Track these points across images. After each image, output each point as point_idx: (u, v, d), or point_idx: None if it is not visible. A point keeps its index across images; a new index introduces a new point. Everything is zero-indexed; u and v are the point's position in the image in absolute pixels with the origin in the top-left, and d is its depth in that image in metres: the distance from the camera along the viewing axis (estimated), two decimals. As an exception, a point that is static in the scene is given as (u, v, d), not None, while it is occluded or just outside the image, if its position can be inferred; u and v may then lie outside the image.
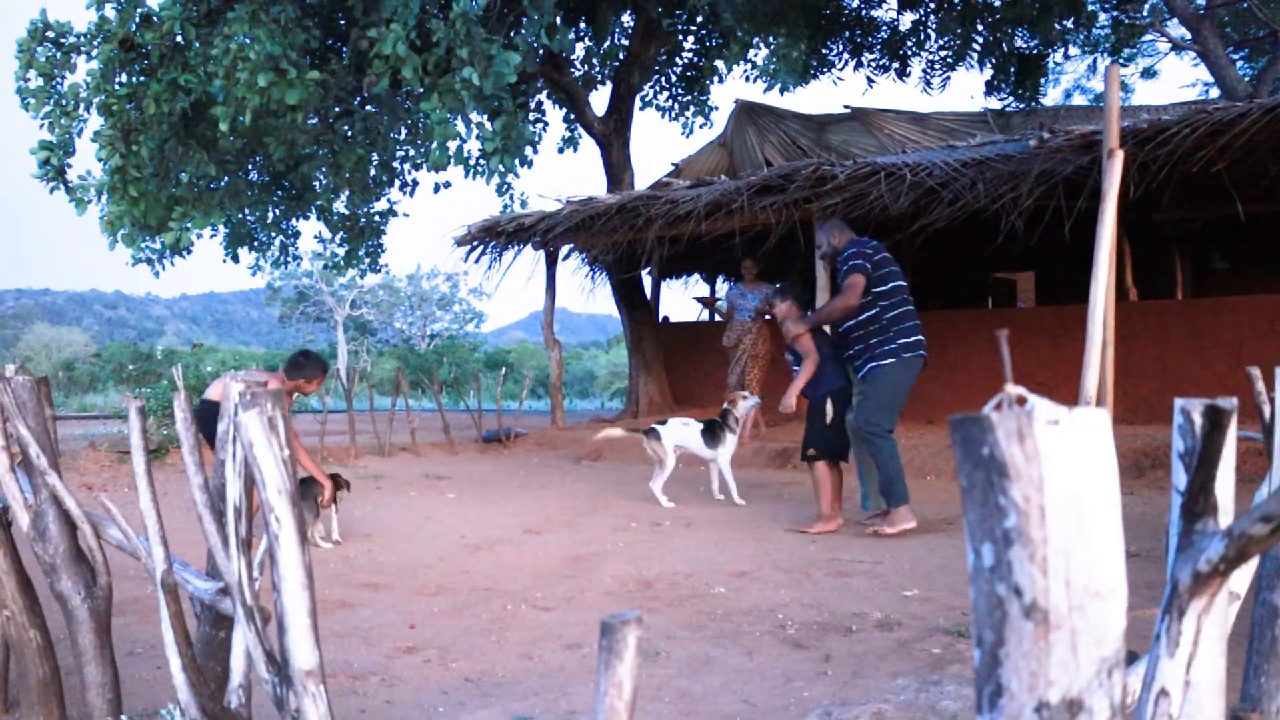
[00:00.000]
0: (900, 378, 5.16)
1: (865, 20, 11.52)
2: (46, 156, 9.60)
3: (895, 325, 5.18)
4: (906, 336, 5.17)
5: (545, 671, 2.96)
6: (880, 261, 5.25)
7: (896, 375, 5.15)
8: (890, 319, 5.18)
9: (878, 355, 5.18)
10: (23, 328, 48.09)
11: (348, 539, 5.29)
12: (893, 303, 5.20)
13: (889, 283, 5.23)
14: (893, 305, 5.20)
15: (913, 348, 5.18)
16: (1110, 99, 3.86)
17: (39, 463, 2.12)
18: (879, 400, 5.15)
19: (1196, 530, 0.89)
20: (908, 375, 5.18)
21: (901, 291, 5.25)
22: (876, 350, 5.19)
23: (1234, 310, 8.14)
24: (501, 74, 8.11)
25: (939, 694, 2.42)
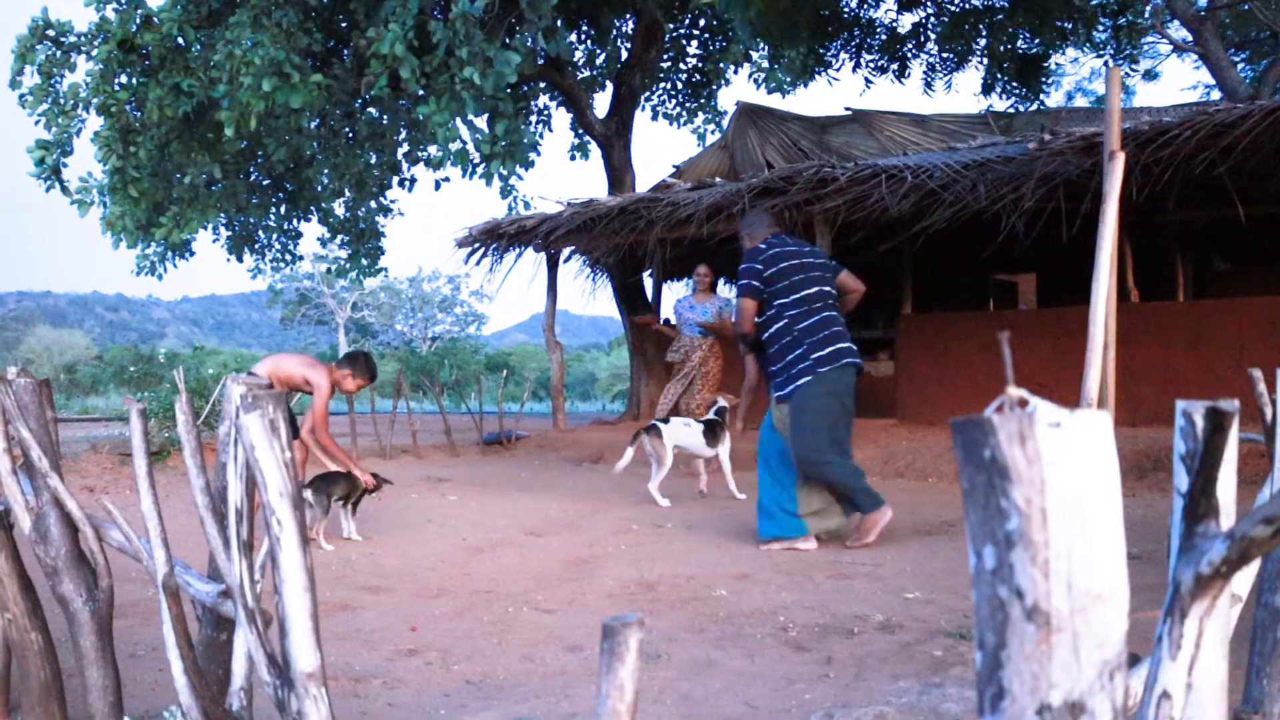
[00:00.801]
0: (820, 398, 4.64)
1: (864, 22, 11.53)
2: (42, 156, 9.61)
3: (808, 338, 4.69)
4: (822, 348, 4.67)
5: (547, 674, 2.96)
6: (778, 273, 4.74)
7: (815, 395, 4.65)
8: (801, 330, 4.71)
9: (793, 376, 4.72)
10: (24, 330, 48.14)
11: (349, 541, 5.29)
12: (802, 312, 4.72)
13: (796, 291, 4.72)
14: (802, 315, 4.71)
15: (831, 359, 4.67)
16: (1111, 101, 3.86)
17: (41, 465, 2.12)
18: (804, 426, 4.66)
19: (1198, 532, 0.89)
20: (830, 391, 4.66)
21: (813, 299, 4.73)
22: (792, 369, 4.73)
23: (1236, 312, 8.13)
24: (502, 74, 8.12)
25: (941, 696, 2.41)
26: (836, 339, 4.71)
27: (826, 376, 4.65)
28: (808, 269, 4.78)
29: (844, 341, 4.74)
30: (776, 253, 4.78)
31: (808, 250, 4.90)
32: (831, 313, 4.79)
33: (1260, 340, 7.85)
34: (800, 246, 4.89)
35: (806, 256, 4.84)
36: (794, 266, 4.75)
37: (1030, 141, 7.62)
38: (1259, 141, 6.51)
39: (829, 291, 4.83)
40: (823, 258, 4.93)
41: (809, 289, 4.74)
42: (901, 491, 6.99)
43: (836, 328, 4.75)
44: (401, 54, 8.17)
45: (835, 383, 4.68)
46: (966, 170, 7.69)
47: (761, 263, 4.77)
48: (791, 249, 4.82)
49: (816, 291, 4.75)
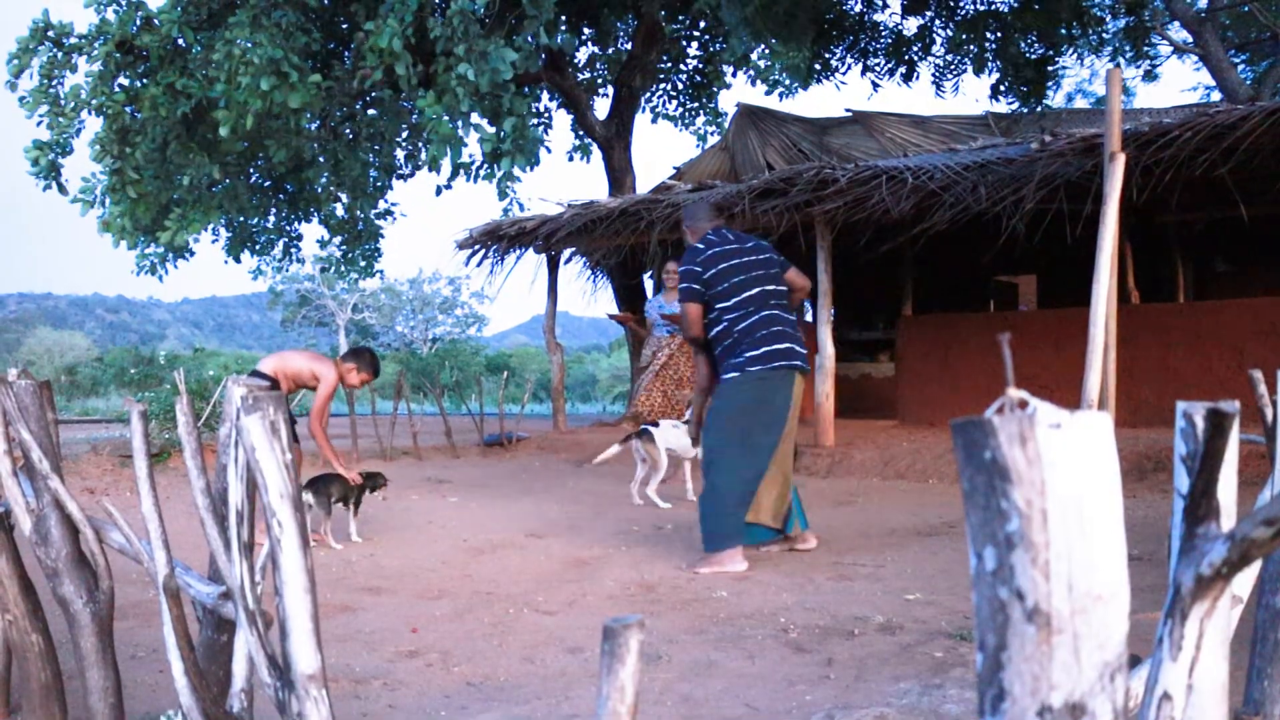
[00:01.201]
0: (739, 396, 4.47)
1: (870, 25, 11.53)
2: (37, 156, 9.62)
3: (746, 337, 4.51)
4: (756, 348, 4.47)
5: (547, 675, 2.96)
6: (717, 275, 4.54)
7: (735, 393, 4.49)
8: (740, 331, 4.52)
9: (721, 373, 4.60)
10: (25, 332, 48.14)
11: (349, 542, 5.29)
12: (741, 314, 4.53)
13: (736, 294, 4.53)
14: (741, 317, 4.53)
15: (764, 359, 4.46)
16: (1111, 102, 3.87)
17: (41, 467, 2.12)
18: (716, 423, 4.54)
19: (1199, 534, 0.89)
20: (754, 393, 4.46)
21: (754, 300, 4.53)
22: (724, 367, 4.58)
23: (1236, 313, 8.13)
24: (498, 70, 8.12)
25: (941, 697, 2.41)
26: (774, 339, 4.50)
27: (754, 375, 4.46)
28: (749, 269, 4.57)
29: (782, 342, 4.51)
30: (716, 253, 4.57)
31: (750, 246, 4.67)
32: (773, 312, 4.56)
33: (1261, 341, 7.85)
34: (742, 242, 4.68)
35: (749, 254, 4.61)
36: (734, 268, 4.55)
37: (1031, 143, 7.62)
38: (1259, 143, 6.51)
39: (773, 290, 4.59)
40: (767, 252, 4.69)
41: (749, 290, 4.53)
42: (902, 493, 7.00)
43: (776, 328, 4.53)
44: (398, 50, 8.18)
45: (762, 382, 4.46)
46: (967, 172, 7.70)
47: (700, 264, 4.57)
48: (732, 247, 4.61)
49: (758, 293, 4.54)
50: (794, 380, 4.53)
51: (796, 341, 4.57)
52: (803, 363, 4.57)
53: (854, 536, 5.23)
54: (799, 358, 4.54)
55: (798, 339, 4.59)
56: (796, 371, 4.53)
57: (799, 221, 8.70)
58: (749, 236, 4.78)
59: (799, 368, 4.54)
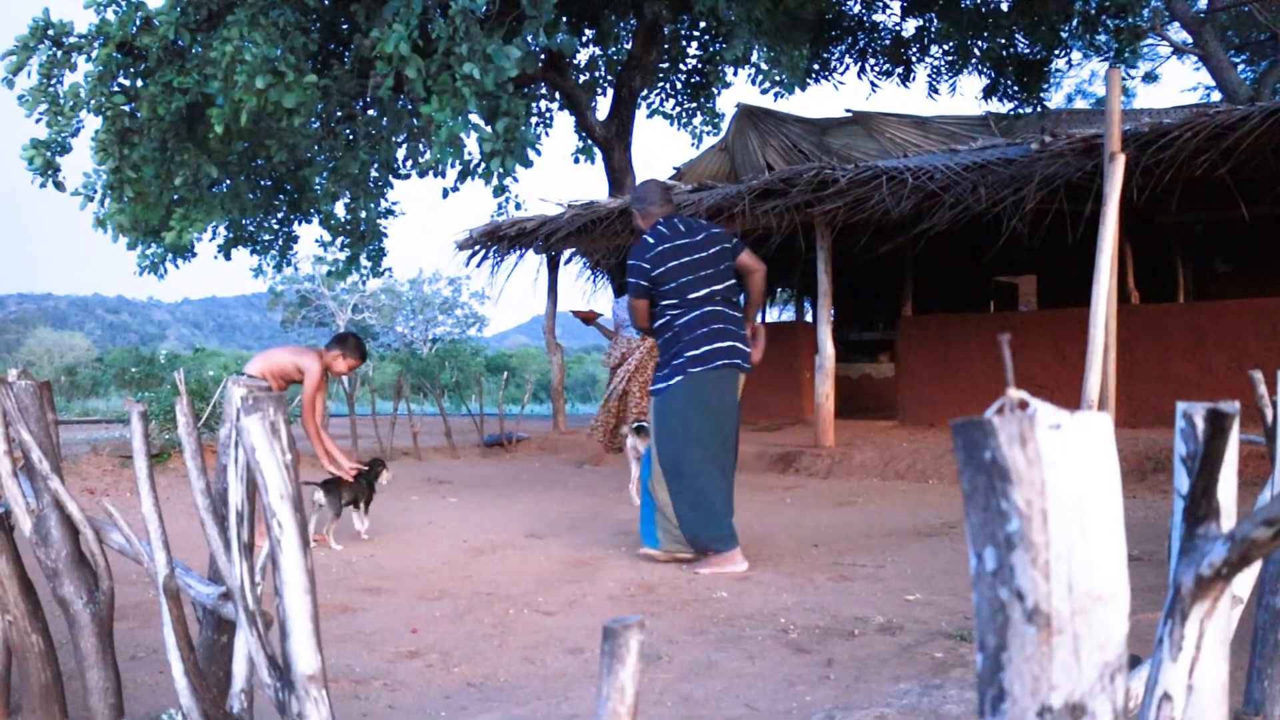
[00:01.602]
0: (687, 398, 4.38)
1: (868, 26, 11.54)
2: (33, 155, 9.63)
3: (686, 334, 4.41)
4: (696, 347, 4.37)
5: (547, 676, 2.96)
6: (665, 273, 4.44)
7: (682, 396, 4.39)
8: (681, 328, 4.43)
9: (664, 375, 4.49)
10: (25, 332, 48.15)
11: (349, 543, 5.29)
12: (681, 311, 4.43)
13: (682, 293, 4.43)
14: (684, 312, 4.43)
15: (704, 359, 4.36)
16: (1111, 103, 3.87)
17: (41, 467, 2.12)
18: (666, 429, 4.44)
19: (1199, 534, 0.89)
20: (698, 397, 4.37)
21: (699, 299, 4.43)
22: (666, 368, 4.50)
23: (1236, 313, 8.13)
24: (503, 69, 8.12)
25: (941, 698, 2.41)
26: (714, 338, 4.38)
27: (697, 377, 4.37)
28: (698, 266, 4.44)
29: (724, 341, 4.40)
30: (665, 250, 4.46)
31: (701, 238, 4.52)
32: (717, 308, 4.44)
33: (1261, 342, 7.85)
34: (693, 234, 4.53)
35: (698, 248, 4.48)
36: (682, 266, 4.43)
37: (1031, 143, 7.63)
38: (1259, 143, 6.51)
39: (720, 289, 4.47)
40: (718, 242, 4.55)
41: (696, 290, 4.42)
42: (902, 493, 7.00)
43: (717, 325, 4.41)
44: (406, 54, 8.18)
45: (704, 384, 4.37)
46: (967, 172, 7.70)
47: (649, 261, 4.46)
48: (682, 241, 4.48)
49: (705, 292, 4.43)
50: (738, 379, 4.47)
51: (739, 339, 4.48)
52: (744, 361, 4.48)
53: (854, 537, 5.23)
54: (740, 355, 4.46)
55: (740, 336, 4.50)
56: (739, 371, 4.47)
57: (799, 222, 8.70)
58: (700, 224, 4.65)
59: (739, 366, 4.46)
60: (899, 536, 5.20)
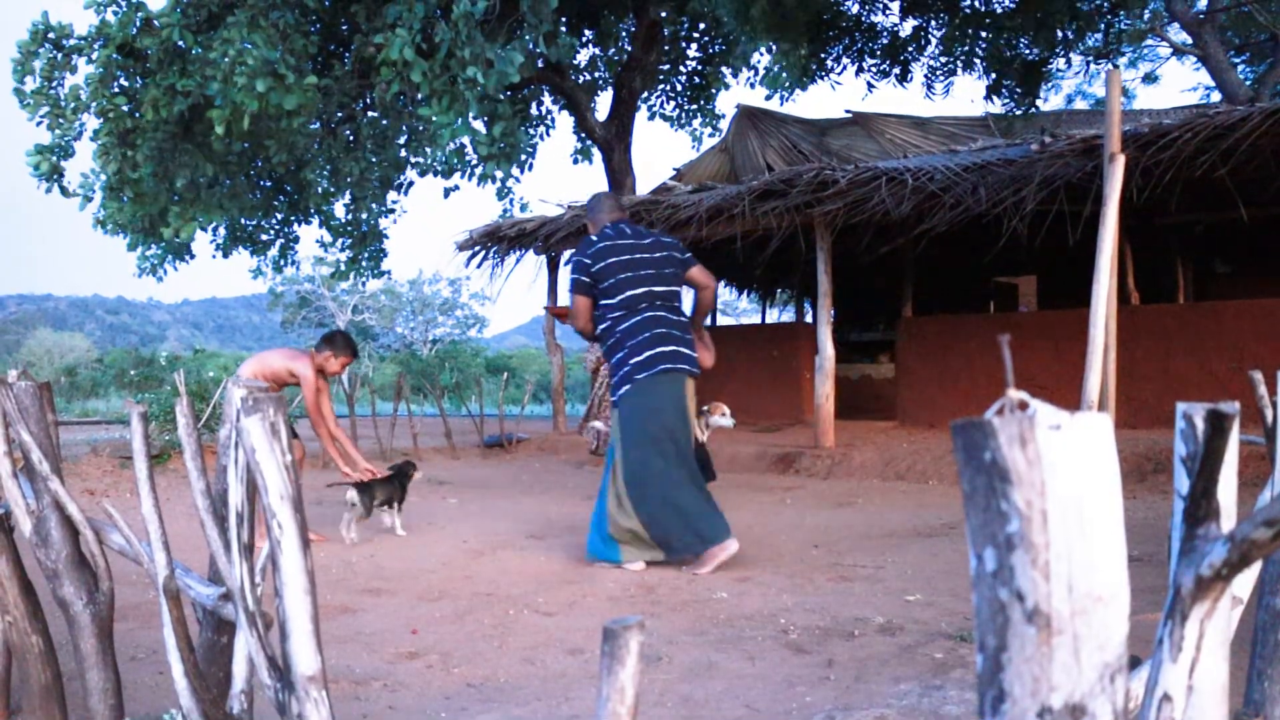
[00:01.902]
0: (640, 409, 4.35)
1: (866, 26, 11.54)
2: (38, 161, 9.63)
3: (629, 340, 4.36)
4: (640, 353, 4.33)
5: (547, 676, 2.96)
6: (604, 270, 4.40)
7: (636, 406, 4.36)
8: (623, 333, 4.39)
9: (616, 385, 4.46)
10: (25, 333, 48.15)
11: (350, 544, 5.29)
12: (624, 314, 4.40)
13: (620, 291, 4.38)
14: (626, 316, 4.40)
15: (649, 364, 4.32)
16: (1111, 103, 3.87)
17: (41, 468, 2.12)
18: (629, 441, 4.38)
19: (1199, 535, 0.89)
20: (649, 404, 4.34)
21: (639, 299, 4.39)
22: (616, 376, 4.45)
23: (1236, 314, 8.13)
24: (505, 73, 8.13)
25: (941, 699, 2.41)
26: (657, 342, 4.34)
27: (643, 385, 4.34)
28: (639, 265, 4.40)
29: (666, 345, 4.35)
30: (606, 247, 4.42)
31: (648, 243, 4.49)
32: (660, 313, 4.39)
33: (1260, 342, 7.85)
34: (640, 238, 4.50)
35: (643, 251, 4.44)
36: (623, 264, 4.39)
37: (1031, 144, 7.63)
38: (1259, 144, 6.51)
39: (662, 291, 4.42)
40: (665, 250, 4.52)
41: (635, 289, 4.38)
42: (902, 494, 7.00)
43: (660, 329, 4.36)
44: (411, 58, 8.19)
45: (651, 391, 4.34)
46: (967, 173, 7.70)
47: (590, 257, 4.43)
48: (627, 242, 4.45)
49: (644, 292, 4.38)
50: (684, 383, 4.41)
51: (683, 344, 4.44)
52: (689, 365, 4.43)
53: (854, 538, 5.23)
54: (685, 360, 4.41)
55: (685, 340, 4.45)
56: (685, 375, 4.41)
57: (799, 223, 8.70)
58: (650, 232, 4.62)
59: (684, 370, 4.41)
60: (899, 537, 5.20)
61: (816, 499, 6.86)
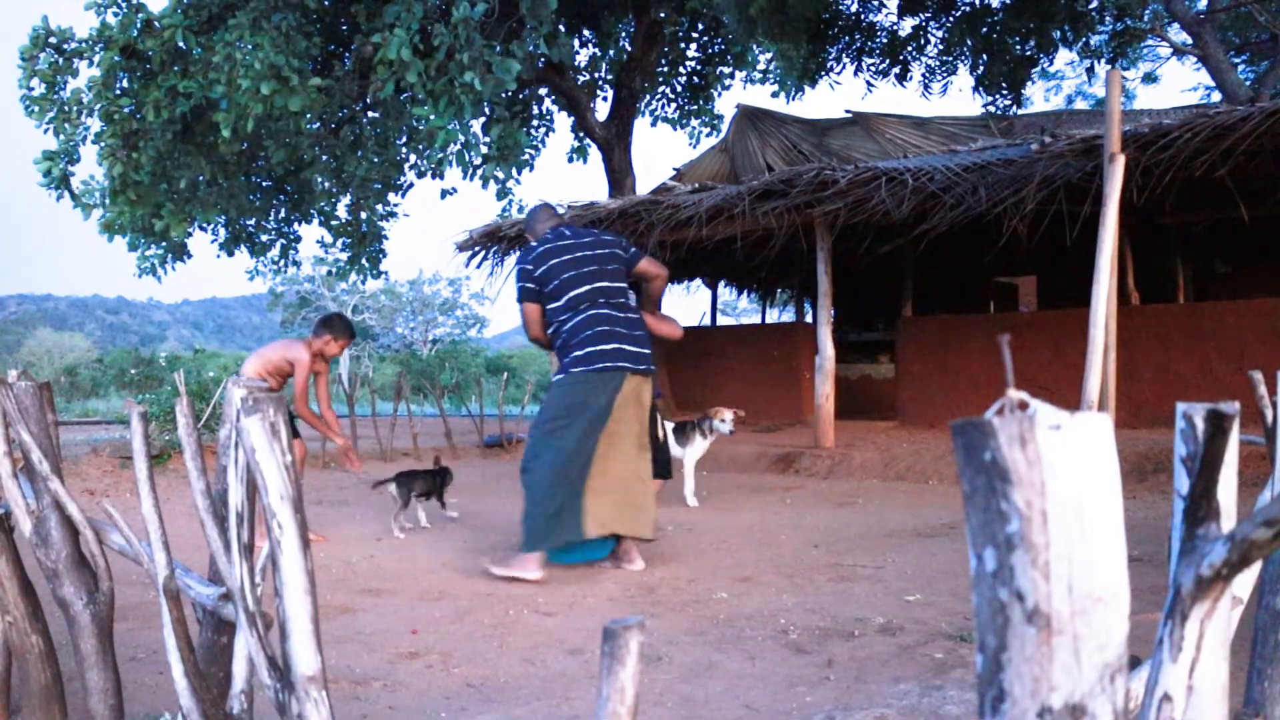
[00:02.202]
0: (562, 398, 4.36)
1: (865, 25, 11.54)
2: (49, 167, 9.63)
3: (573, 338, 4.37)
4: (581, 349, 4.34)
5: (547, 677, 2.96)
6: (546, 273, 4.41)
7: (559, 395, 4.38)
8: (568, 332, 4.40)
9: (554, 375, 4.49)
10: (25, 333, 48.17)
11: (349, 544, 5.29)
12: (569, 315, 4.40)
13: (564, 293, 4.40)
14: (569, 317, 4.41)
15: (587, 360, 4.32)
16: (1111, 104, 3.87)
17: (41, 468, 2.12)
18: (536, 424, 4.45)
19: (1199, 535, 0.89)
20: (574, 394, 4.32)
21: (581, 298, 4.39)
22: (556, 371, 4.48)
23: (1236, 314, 8.13)
24: (502, 80, 8.13)
25: (941, 699, 2.41)
26: (600, 339, 4.32)
27: (576, 376, 4.32)
28: (580, 265, 4.41)
29: (609, 343, 4.32)
30: (546, 250, 4.44)
31: (588, 241, 4.50)
32: (601, 311, 4.38)
33: (1261, 342, 7.85)
34: (579, 238, 4.51)
35: (584, 249, 4.45)
36: (564, 264, 4.40)
37: (1031, 144, 7.63)
38: (1259, 144, 6.51)
39: (605, 288, 4.42)
40: (607, 247, 4.52)
41: (578, 288, 4.38)
42: (902, 494, 7.00)
43: (603, 327, 4.34)
44: (408, 59, 8.18)
45: (583, 384, 4.30)
46: (967, 173, 7.70)
47: (531, 263, 4.45)
48: (566, 243, 4.46)
49: (587, 290, 4.38)
50: (621, 381, 4.33)
51: (628, 341, 4.38)
52: (633, 362, 4.36)
53: (854, 538, 5.23)
54: (628, 357, 4.34)
55: (631, 338, 4.40)
56: (626, 372, 4.33)
57: (799, 223, 8.70)
58: (591, 231, 4.63)
59: (626, 368, 4.33)
60: (899, 537, 5.20)
61: (816, 499, 6.86)
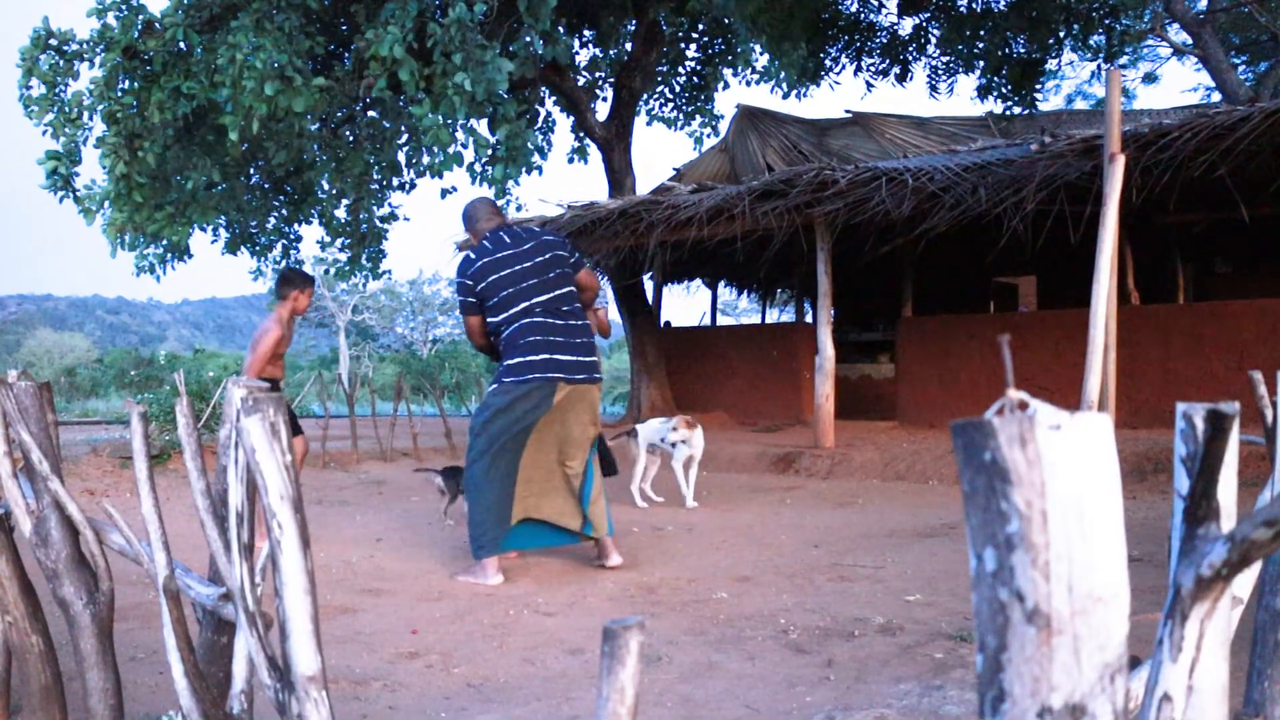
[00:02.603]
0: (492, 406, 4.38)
1: (865, 25, 11.55)
2: (54, 166, 9.62)
3: (509, 348, 4.39)
4: (514, 356, 4.34)
5: (547, 677, 2.96)
6: (488, 288, 4.39)
7: (490, 403, 4.41)
8: (504, 342, 4.42)
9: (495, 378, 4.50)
10: (25, 333, 48.16)
11: (349, 544, 5.29)
12: (505, 325, 4.40)
13: (505, 308, 4.38)
14: (505, 326, 4.40)
15: (518, 370, 4.33)
16: (1111, 103, 3.87)
17: (41, 468, 2.12)
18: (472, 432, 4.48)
19: (1199, 535, 0.89)
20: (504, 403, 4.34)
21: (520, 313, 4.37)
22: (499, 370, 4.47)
23: (1236, 314, 8.13)
24: (494, 80, 8.12)
25: (942, 699, 2.41)
26: (531, 349, 4.33)
27: (506, 388, 4.34)
28: (520, 278, 4.38)
29: (538, 353, 4.33)
30: (486, 264, 4.40)
31: (529, 249, 4.45)
32: (535, 320, 4.37)
33: (1261, 342, 7.85)
34: (519, 244, 4.46)
35: (525, 259, 4.42)
36: (504, 278, 4.38)
37: (1031, 144, 7.63)
38: (1259, 144, 6.51)
39: (543, 300, 4.39)
40: (550, 250, 4.48)
41: (517, 303, 4.36)
42: (902, 494, 7.00)
43: (534, 337, 4.34)
44: (400, 56, 8.17)
45: (511, 396, 4.33)
46: (967, 173, 7.70)
47: (471, 277, 4.43)
48: (507, 252, 4.42)
49: (525, 305, 4.36)
50: (551, 392, 4.35)
51: (564, 349, 4.39)
52: (567, 372, 4.37)
53: (854, 537, 5.23)
54: (560, 367, 4.36)
55: (569, 346, 4.40)
56: (557, 383, 4.35)
57: (799, 223, 8.70)
58: (533, 234, 4.55)
59: (558, 378, 4.35)
60: (899, 537, 5.20)
61: (816, 499, 6.86)
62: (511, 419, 4.35)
